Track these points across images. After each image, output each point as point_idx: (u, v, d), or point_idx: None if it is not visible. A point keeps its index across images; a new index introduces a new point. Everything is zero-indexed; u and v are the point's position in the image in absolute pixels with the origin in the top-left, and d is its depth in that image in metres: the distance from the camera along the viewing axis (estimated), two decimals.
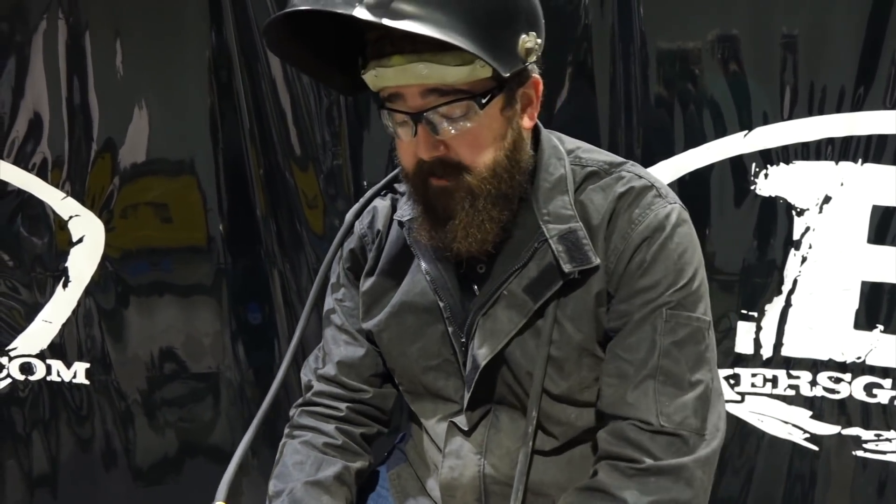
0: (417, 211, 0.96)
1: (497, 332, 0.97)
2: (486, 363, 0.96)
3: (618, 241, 0.93)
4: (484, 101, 0.86)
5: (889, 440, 1.59)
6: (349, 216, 1.11)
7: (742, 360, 1.63)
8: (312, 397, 1.12)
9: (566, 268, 0.93)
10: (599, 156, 1.01)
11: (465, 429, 1.02)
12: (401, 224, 1.04)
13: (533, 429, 0.98)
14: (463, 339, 1.00)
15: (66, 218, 1.80)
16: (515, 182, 0.93)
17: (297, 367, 1.20)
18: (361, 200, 1.12)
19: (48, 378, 1.88)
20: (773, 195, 1.54)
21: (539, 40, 0.88)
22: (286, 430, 1.12)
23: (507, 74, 0.84)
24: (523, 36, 0.86)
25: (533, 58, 0.88)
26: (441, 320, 1.01)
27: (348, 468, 1.06)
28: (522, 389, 0.99)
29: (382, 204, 1.10)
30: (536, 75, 0.93)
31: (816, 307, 1.55)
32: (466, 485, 1.02)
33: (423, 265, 1.01)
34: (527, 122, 0.94)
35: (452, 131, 0.87)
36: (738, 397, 1.64)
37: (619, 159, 1.00)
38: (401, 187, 1.08)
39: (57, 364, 1.88)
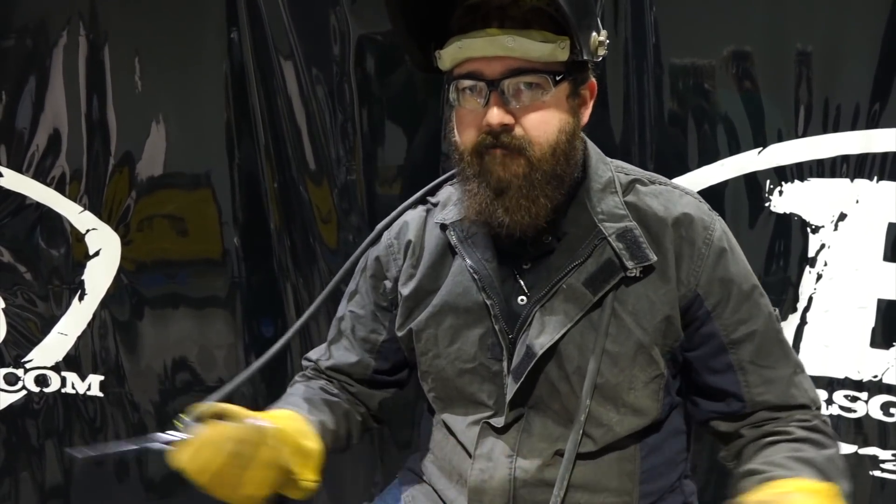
0: (469, 187, 0.98)
1: (555, 323, 0.99)
2: (542, 353, 0.98)
3: (702, 247, 1.01)
4: (558, 78, 0.95)
5: None
6: (380, 226, 1.16)
7: None
8: (309, 372, 1.22)
9: (629, 264, 0.98)
10: (634, 167, 1.10)
11: (500, 426, 1.02)
12: (443, 227, 1.07)
13: (582, 422, 0.99)
14: (511, 336, 1.01)
15: (83, 231, 1.82)
16: (570, 168, 0.99)
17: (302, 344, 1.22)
18: (394, 213, 1.16)
19: (63, 390, 1.89)
20: (787, 212, 1.53)
21: (607, 40, 0.99)
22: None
23: (584, 58, 0.94)
24: (594, 33, 0.97)
25: (601, 53, 0.98)
26: (481, 322, 1.03)
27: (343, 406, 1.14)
28: (569, 386, 1.00)
29: (413, 215, 1.13)
30: (593, 79, 1.01)
31: (832, 325, 1.54)
32: (496, 487, 1.02)
33: (469, 263, 1.03)
34: (582, 120, 1.01)
35: (526, 101, 0.94)
36: None
37: (650, 173, 1.09)
38: (434, 198, 1.13)
39: (72, 376, 1.89)
